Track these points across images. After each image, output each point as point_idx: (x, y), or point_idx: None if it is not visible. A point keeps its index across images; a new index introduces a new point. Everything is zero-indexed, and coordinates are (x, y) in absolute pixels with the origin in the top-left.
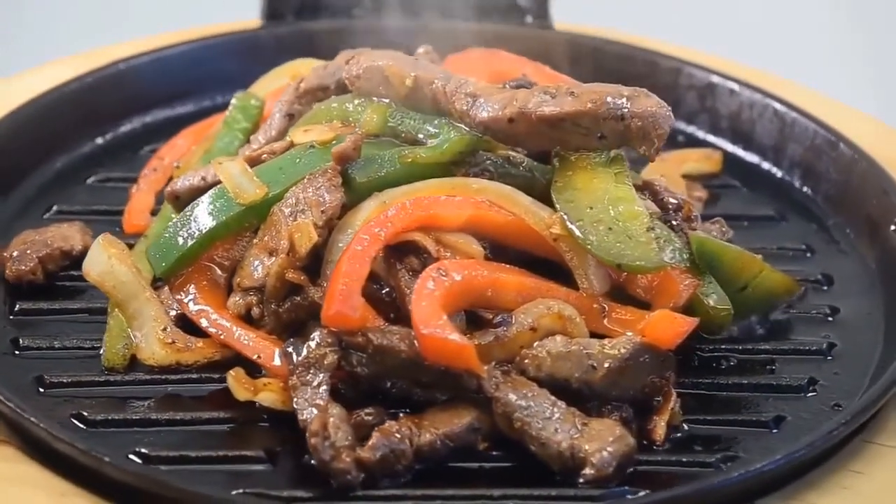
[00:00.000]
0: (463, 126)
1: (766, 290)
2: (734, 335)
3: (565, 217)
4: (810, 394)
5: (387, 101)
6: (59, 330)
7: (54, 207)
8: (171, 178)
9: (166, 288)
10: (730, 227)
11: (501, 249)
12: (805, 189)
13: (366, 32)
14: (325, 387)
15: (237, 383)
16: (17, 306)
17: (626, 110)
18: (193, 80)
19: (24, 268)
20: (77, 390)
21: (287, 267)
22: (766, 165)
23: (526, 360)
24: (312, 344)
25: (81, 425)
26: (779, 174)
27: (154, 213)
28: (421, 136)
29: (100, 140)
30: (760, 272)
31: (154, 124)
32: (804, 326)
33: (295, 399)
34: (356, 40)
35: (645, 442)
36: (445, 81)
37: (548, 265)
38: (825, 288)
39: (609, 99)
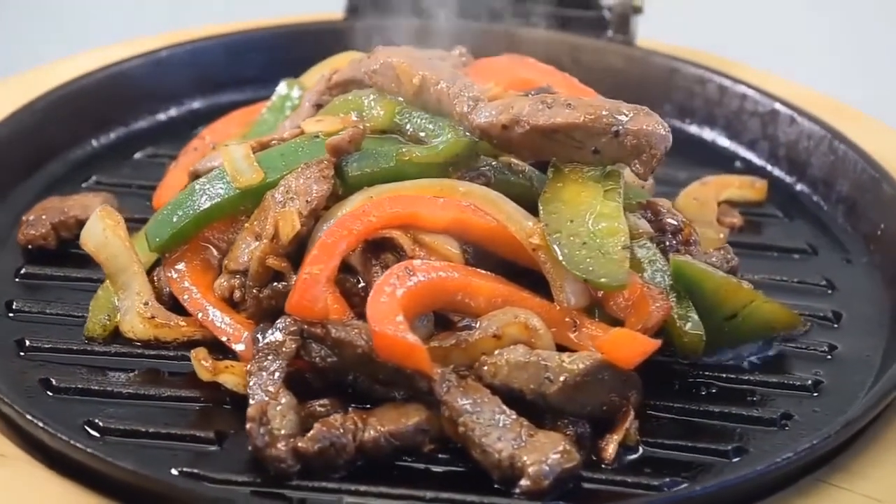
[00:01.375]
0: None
1: (759, 320)
2: (724, 363)
3: (545, 228)
4: (781, 428)
5: (398, 98)
6: (56, 296)
7: (93, 178)
8: None
9: None
10: (759, 256)
11: (486, 255)
12: (846, 225)
13: (434, 33)
14: (279, 374)
15: (198, 363)
16: (24, 270)
17: (622, 127)
18: (264, 66)
19: (34, 232)
20: (53, 356)
21: (269, 253)
22: (815, 198)
23: (485, 367)
24: (275, 331)
25: (47, 391)
26: (825, 208)
27: None
28: (423, 134)
29: (162, 117)
30: (751, 302)
31: (219, 106)
32: (798, 361)
33: (249, 383)
34: (426, 39)
35: (595, 459)
36: (451, 83)
37: (533, 275)
38: (835, 325)
39: (605, 114)
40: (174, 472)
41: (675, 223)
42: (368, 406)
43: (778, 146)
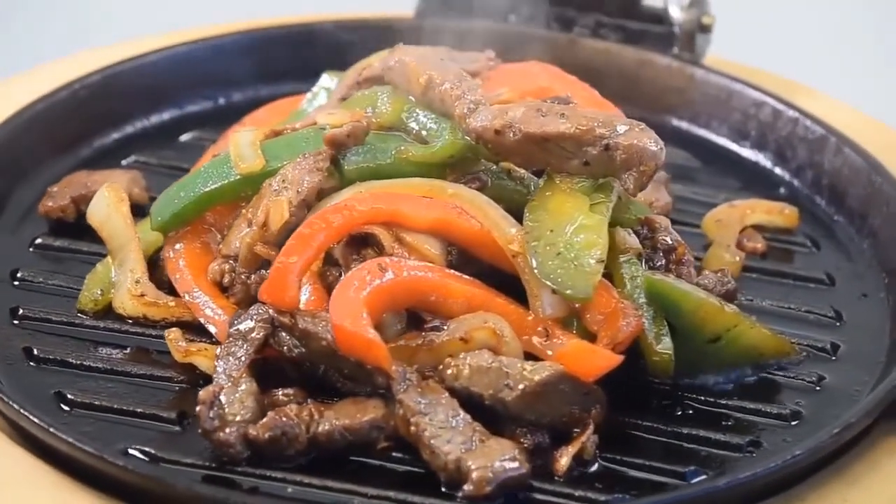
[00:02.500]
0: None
1: (745, 345)
2: (708, 385)
3: (525, 235)
4: (745, 455)
5: (409, 96)
6: (64, 268)
7: (133, 157)
8: None
9: None
10: (774, 283)
11: (471, 259)
12: (873, 259)
13: (505, 36)
14: (244, 359)
15: (172, 343)
16: (39, 240)
17: (612, 141)
18: (327, 58)
19: (52, 204)
20: (42, 325)
21: (258, 240)
22: (850, 230)
23: (448, 370)
24: (247, 318)
25: (27, 359)
26: (856, 240)
27: None
28: (426, 134)
29: (221, 101)
30: (735, 326)
31: (281, 95)
32: (784, 390)
33: (216, 367)
34: (495, 43)
35: (550, 470)
36: (455, 84)
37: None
38: (832, 358)
39: (597, 126)
40: (131, 449)
41: (669, 242)
42: (334, 400)
43: (822, 174)
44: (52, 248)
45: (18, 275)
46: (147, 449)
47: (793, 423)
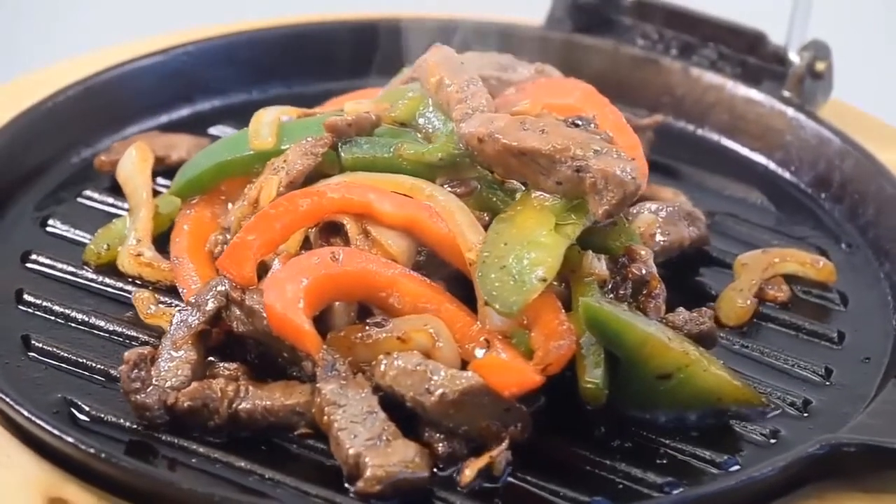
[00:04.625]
0: None
1: (700, 388)
2: (660, 422)
3: (482, 245)
4: (663, 494)
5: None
6: (95, 221)
7: (219, 125)
8: None
9: None
10: (782, 333)
11: (442, 263)
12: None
13: (616, 59)
14: (193, 327)
15: (138, 303)
16: (85, 192)
17: (585, 163)
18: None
19: (104, 158)
20: (44, 271)
21: (247, 215)
22: (887, 291)
23: (379, 367)
24: (207, 289)
25: (16, 301)
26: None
27: None
28: (431, 132)
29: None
30: (686, 366)
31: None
32: (735, 440)
33: (167, 333)
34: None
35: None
36: (461, 89)
37: None
38: (804, 415)
39: (572, 146)
40: (58, 395)
41: (641, 274)
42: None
43: (890, 233)
44: (93, 200)
45: (48, 223)
46: (81, 402)
47: (721, 470)
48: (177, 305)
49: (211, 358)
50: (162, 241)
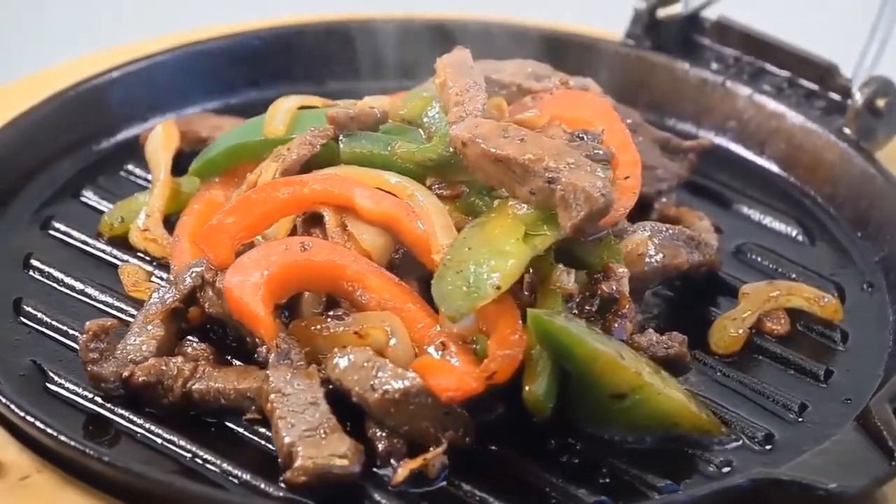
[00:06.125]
0: None
1: (655, 411)
2: (614, 440)
3: (448, 249)
4: None
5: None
6: (124, 193)
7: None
8: None
9: None
10: (770, 366)
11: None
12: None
13: (678, 81)
14: (167, 303)
15: (123, 275)
16: (128, 166)
17: (556, 175)
18: None
19: (146, 135)
20: (60, 237)
21: None
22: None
23: (332, 360)
24: (188, 267)
25: (23, 265)
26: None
27: None
28: (433, 132)
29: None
30: (641, 387)
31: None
32: (685, 466)
33: (143, 307)
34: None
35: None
36: (461, 92)
37: None
38: (767, 447)
39: (547, 157)
40: (29, 360)
41: (611, 291)
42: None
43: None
44: (133, 174)
45: (83, 194)
46: (49, 368)
47: (658, 496)
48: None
49: (191, 337)
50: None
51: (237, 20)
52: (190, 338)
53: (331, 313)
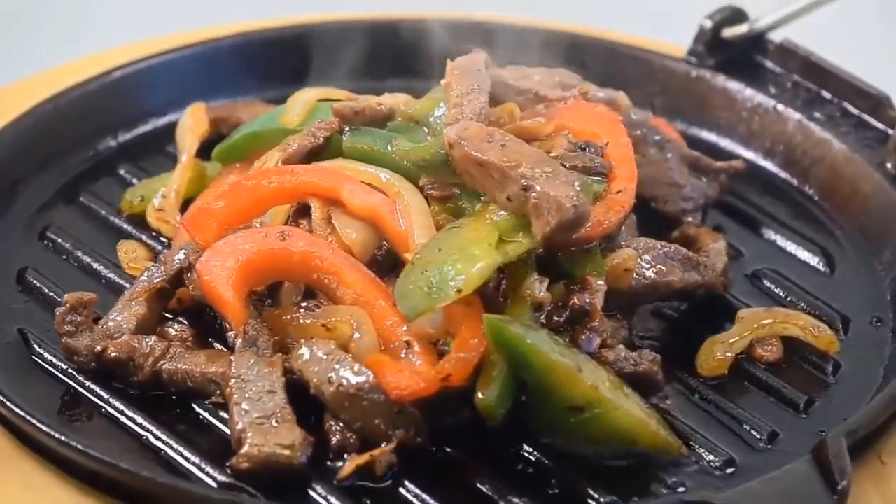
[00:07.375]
0: None
1: (613, 427)
2: (573, 453)
3: (420, 248)
4: None
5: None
6: (153, 171)
7: None
8: None
9: None
10: (751, 391)
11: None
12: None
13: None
14: (154, 285)
15: (120, 254)
16: (168, 149)
17: (531, 183)
18: None
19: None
20: (83, 212)
21: None
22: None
23: (296, 351)
24: (180, 248)
25: (39, 236)
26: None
27: None
28: (438, 131)
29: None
30: (598, 401)
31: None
32: (637, 482)
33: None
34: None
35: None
36: (462, 94)
37: None
38: (727, 471)
39: (525, 164)
40: (16, 328)
41: (582, 304)
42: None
43: None
44: (171, 157)
45: (119, 171)
46: (33, 336)
47: None
48: None
49: (181, 319)
50: None
51: (236, 20)
52: (181, 319)
53: (304, 304)
